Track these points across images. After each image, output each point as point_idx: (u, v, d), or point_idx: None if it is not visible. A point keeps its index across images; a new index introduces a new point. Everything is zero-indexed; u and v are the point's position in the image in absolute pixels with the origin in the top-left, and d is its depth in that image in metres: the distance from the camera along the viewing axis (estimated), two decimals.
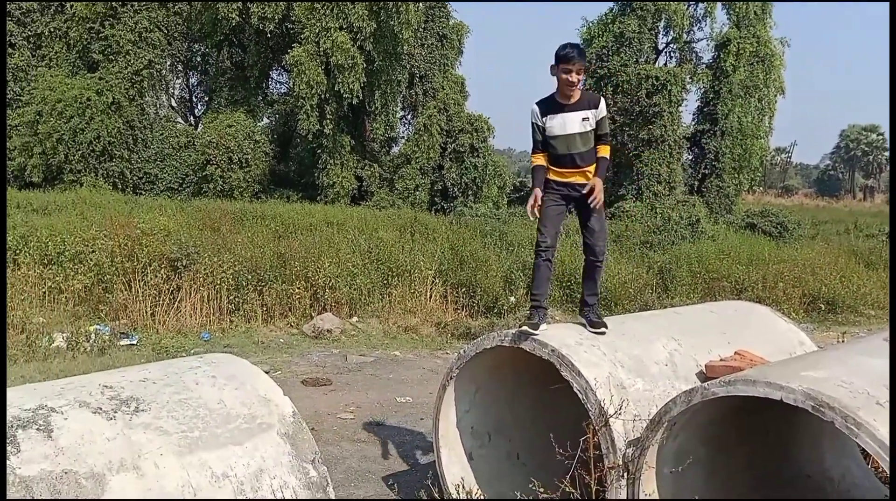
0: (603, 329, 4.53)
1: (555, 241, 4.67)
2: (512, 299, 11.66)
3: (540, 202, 4.52)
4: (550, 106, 4.48)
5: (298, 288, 10.33)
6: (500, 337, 4.57)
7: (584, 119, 4.45)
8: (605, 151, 4.62)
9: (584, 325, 4.67)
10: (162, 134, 25.26)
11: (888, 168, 67.81)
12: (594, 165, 4.56)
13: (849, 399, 3.01)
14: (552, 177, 4.59)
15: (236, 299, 9.97)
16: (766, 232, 20.15)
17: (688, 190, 25.87)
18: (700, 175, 26.52)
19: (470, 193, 23.80)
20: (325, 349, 9.14)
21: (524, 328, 4.36)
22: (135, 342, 8.85)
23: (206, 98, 29.86)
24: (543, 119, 4.47)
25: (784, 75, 28.03)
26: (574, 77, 4.35)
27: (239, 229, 14.29)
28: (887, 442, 2.80)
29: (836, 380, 3.20)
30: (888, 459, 2.78)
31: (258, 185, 24.48)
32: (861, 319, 12.21)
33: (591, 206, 4.49)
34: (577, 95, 4.47)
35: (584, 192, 4.51)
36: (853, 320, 12.08)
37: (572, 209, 4.75)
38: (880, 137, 64.44)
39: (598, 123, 4.51)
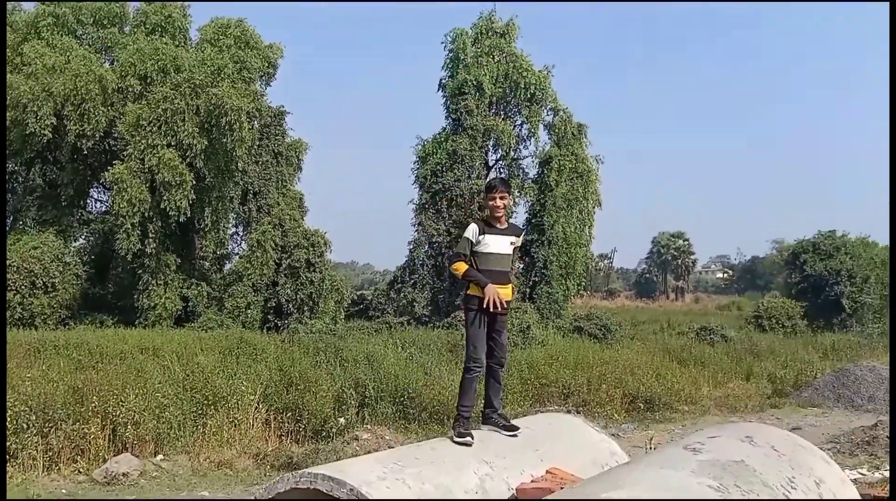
0: (517, 432, 4.90)
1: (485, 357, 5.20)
2: (342, 420, 11.02)
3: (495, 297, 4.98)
4: (487, 226, 5.17)
5: (94, 427, 9.09)
6: (294, 479, 4.06)
7: (511, 243, 5.22)
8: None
9: (498, 430, 4.96)
10: None
11: (694, 270, 75.25)
12: (511, 285, 5.34)
13: None
14: (477, 293, 5.07)
15: (13, 446, 8.55)
16: (591, 334, 21.10)
17: (520, 297, 26.79)
18: (531, 282, 27.65)
19: (306, 308, 23.08)
20: (118, 496, 7.95)
21: (460, 440, 4.63)
22: None
23: (11, 219, 27.29)
24: (481, 236, 5.10)
25: (600, 189, 30.57)
26: (499, 202, 5.15)
27: (32, 363, 12.68)
28: None
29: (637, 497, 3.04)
30: None
31: (66, 310, 22.28)
32: (676, 415, 12.78)
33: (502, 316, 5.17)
34: (505, 222, 5.24)
35: (502, 309, 5.09)
36: (669, 417, 12.61)
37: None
38: (686, 242, 71.77)
39: (515, 249, 5.32)
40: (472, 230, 5.13)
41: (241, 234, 27.74)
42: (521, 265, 28.72)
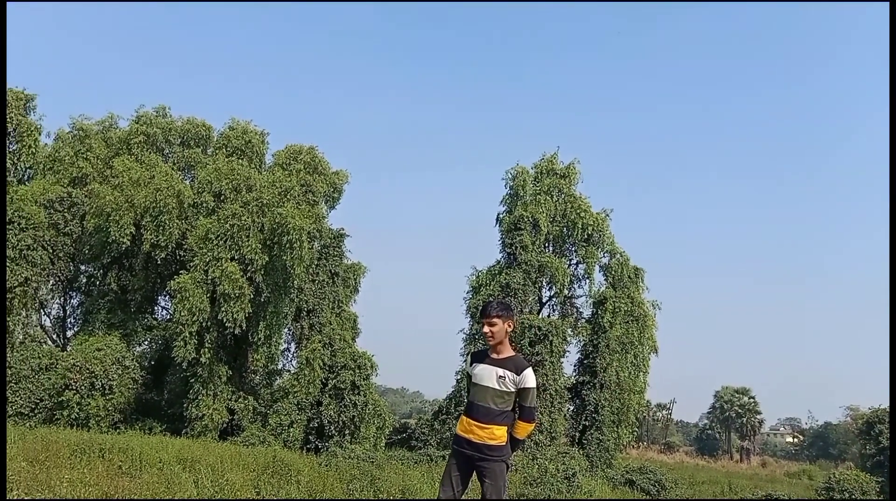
0: None
1: (451, 498, 4.56)
2: None
3: None
4: (481, 356, 4.69)
5: None
6: None
7: (500, 377, 4.53)
8: (521, 431, 4.62)
9: None
10: (23, 354, 23.42)
11: (761, 430, 70.82)
12: (503, 428, 4.55)
13: None
14: (458, 429, 4.64)
15: None
16: (644, 490, 19.96)
17: (569, 441, 25.75)
18: (581, 427, 26.64)
19: (347, 432, 22.74)
20: None
21: None
22: None
23: (82, 320, 28.49)
24: (472, 366, 4.66)
25: (657, 335, 29.92)
26: (486, 329, 4.60)
27: (75, 464, 12.78)
28: None
29: None
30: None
31: (119, 414, 22.61)
32: None
33: (481, 463, 4.47)
34: (505, 352, 4.63)
35: (476, 453, 4.49)
36: None
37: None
38: (751, 400, 67.99)
39: (520, 391, 4.55)
40: (467, 360, 4.83)
41: (292, 351, 28.10)
42: (571, 407, 27.83)
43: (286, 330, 26.67)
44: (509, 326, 4.65)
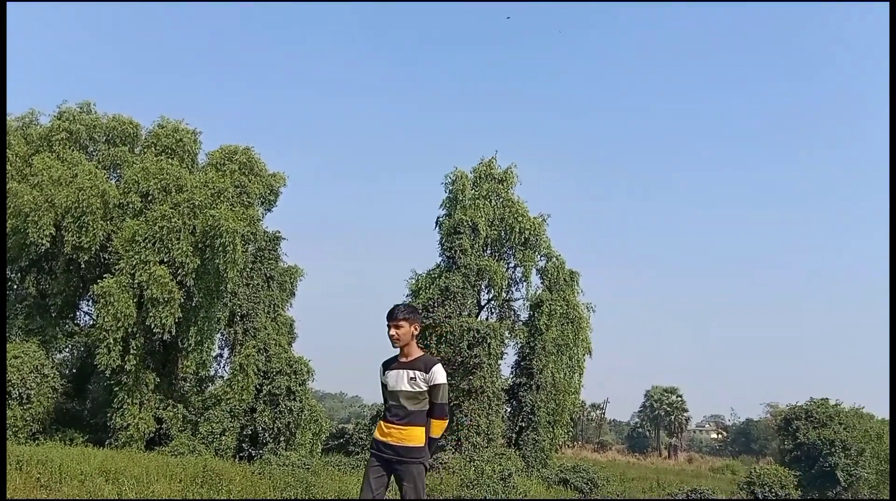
0: None
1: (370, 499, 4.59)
2: None
3: None
4: (391, 363, 4.76)
5: None
6: None
7: (411, 379, 4.60)
8: (436, 429, 4.67)
9: None
10: None
11: (688, 428, 73.16)
12: (420, 429, 4.60)
13: None
14: (376, 434, 4.71)
15: None
16: (577, 488, 20.29)
17: (506, 442, 25.93)
18: (517, 428, 26.87)
19: (282, 439, 22.26)
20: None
21: None
22: None
23: None
24: (384, 375, 4.74)
25: (591, 337, 30.46)
26: (392, 331, 4.66)
27: None
28: None
29: None
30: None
31: (38, 424, 21.53)
32: None
33: (398, 466, 4.52)
34: (413, 354, 4.69)
35: (394, 456, 4.54)
36: None
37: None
38: (679, 398, 70.28)
39: (431, 389, 4.60)
40: (380, 370, 4.88)
41: (225, 357, 27.31)
42: (508, 409, 28.05)
43: (219, 335, 25.90)
44: (416, 328, 4.74)
